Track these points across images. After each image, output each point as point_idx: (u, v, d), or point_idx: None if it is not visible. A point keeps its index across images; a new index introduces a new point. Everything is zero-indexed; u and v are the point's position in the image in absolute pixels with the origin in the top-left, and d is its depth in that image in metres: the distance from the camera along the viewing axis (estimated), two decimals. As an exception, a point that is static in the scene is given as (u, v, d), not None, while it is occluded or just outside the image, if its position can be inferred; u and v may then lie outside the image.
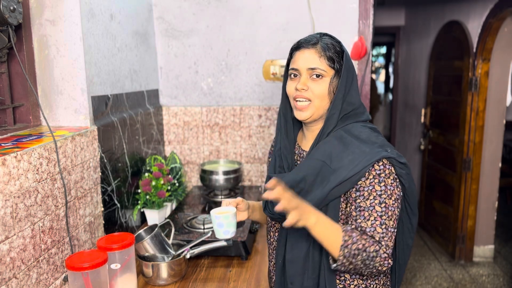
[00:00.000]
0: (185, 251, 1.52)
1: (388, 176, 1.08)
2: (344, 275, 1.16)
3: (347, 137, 1.13)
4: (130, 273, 1.40)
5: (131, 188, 1.92)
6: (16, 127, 1.44)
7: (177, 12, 2.27)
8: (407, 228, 1.20)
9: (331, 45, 1.15)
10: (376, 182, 1.07)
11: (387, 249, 1.04)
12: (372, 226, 1.05)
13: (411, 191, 1.15)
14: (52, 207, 1.28)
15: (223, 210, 1.25)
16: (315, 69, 1.13)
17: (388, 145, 1.12)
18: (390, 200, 1.07)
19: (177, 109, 2.35)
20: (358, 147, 1.10)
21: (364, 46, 2.16)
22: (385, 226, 1.05)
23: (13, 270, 1.11)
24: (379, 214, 1.05)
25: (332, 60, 1.13)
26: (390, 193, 1.07)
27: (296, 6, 2.21)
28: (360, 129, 1.15)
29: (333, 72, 1.14)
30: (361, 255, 1.02)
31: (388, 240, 1.05)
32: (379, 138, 1.14)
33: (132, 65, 1.96)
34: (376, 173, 1.07)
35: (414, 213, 1.19)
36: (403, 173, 1.10)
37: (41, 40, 1.48)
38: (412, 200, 1.17)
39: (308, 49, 1.15)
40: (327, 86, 1.14)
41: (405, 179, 1.11)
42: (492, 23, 3.24)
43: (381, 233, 1.04)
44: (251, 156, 2.38)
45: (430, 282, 3.40)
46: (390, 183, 1.08)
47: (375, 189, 1.07)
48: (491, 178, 3.63)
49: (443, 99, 3.92)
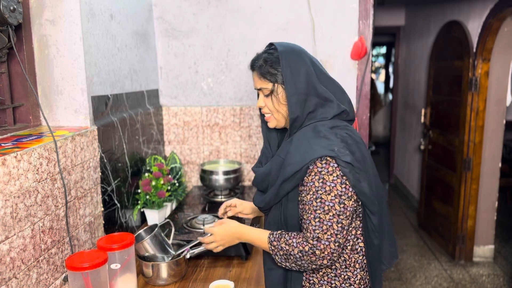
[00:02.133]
0: (185, 251, 1.52)
1: (330, 173, 1.14)
2: (313, 279, 1.25)
3: (302, 138, 1.21)
4: (130, 273, 1.40)
5: (131, 188, 1.92)
6: (16, 127, 1.44)
7: (177, 12, 2.27)
8: (371, 228, 1.24)
9: (263, 62, 1.25)
10: (316, 179, 1.15)
11: (315, 241, 1.13)
12: (308, 219, 1.15)
13: (361, 191, 1.17)
14: (52, 207, 1.28)
15: (221, 284, 1.35)
16: (261, 90, 1.28)
17: (338, 144, 1.16)
18: (327, 195, 1.13)
19: (177, 109, 2.35)
20: (308, 147, 1.18)
21: (364, 46, 2.16)
22: (319, 220, 1.13)
23: (13, 270, 1.11)
24: (314, 208, 1.14)
25: (269, 75, 1.24)
26: (329, 189, 1.14)
27: (296, 6, 2.21)
28: (318, 129, 1.20)
29: (272, 85, 1.24)
30: (290, 258, 1.17)
31: (321, 233, 1.13)
32: (332, 137, 1.17)
33: (132, 65, 1.96)
34: (317, 170, 1.15)
35: (373, 212, 1.21)
36: (347, 172, 1.14)
37: (41, 40, 1.48)
38: (365, 200, 1.19)
39: (254, 72, 1.29)
40: (276, 98, 1.25)
41: (350, 178, 1.15)
42: (492, 23, 3.24)
43: (314, 226, 1.13)
44: (251, 156, 2.38)
45: (430, 282, 3.40)
46: (332, 180, 1.14)
47: (315, 185, 1.15)
48: (491, 178, 3.63)
49: (443, 99, 3.92)
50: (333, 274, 1.23)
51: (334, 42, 2.20)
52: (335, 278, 1.23)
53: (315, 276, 1.24)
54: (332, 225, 1.13)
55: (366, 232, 1.24)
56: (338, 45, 2.20)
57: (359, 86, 2.22)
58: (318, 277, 1.24)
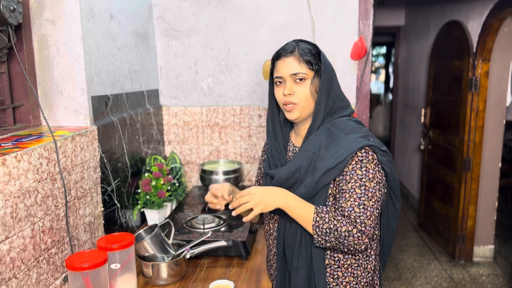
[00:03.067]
0: (185, 251, 1.52)
1: (370, 162, 1.19)
2: (338, 255, 1.27)
3: (334, 131, 1.25)
4: (130, 273, 1.40)
5: (131, 188, 1.92)
6: (16, 127, 1.44)
7: (177, 12, 2.27)
8: (391, 213, 1.31)
9: (307, 50, 1.27)
10: (358, 167, 1.18)
11: (362, 227, 1.14)
12: (351, 206, 1.16)
13: (393, 177, 1.26)
14: (52, 207, 1.28)
15: (221, 284, 1.33)
16: (297, 74, 1.25)
17: (370, 135, 1.24)
18: (371, 183, 1.17)
19: (177, 109, 2.35)
20: (343, 138, 1.22)
21: (364, 46, 2.16)
22: (363, 206, 1.16)
23: (13, 270, 1.11)
24: (358, 195, 1.17)
25: (310, 63, 1.26)
26: (371, 176, 1.18)
27: (296, 6, 2.21)
28: (345, 122, 1.27)
29: (313, 73, 1.26)
30: (333, 233, 1.16)
31: (366, 219, 1.15)
32: (363, 130, 1.26)
33: (132, 65, 1.96)
34: (358, 159, 1.19)
35: (397, 197, 1.30)
36: (385, 160, 1.21)
37: (41, 40, 1.48)
38: (394, 185, 1.27)
39: (288, 57, 1.27)
40: (313, 87, 1.26)
41: (386, 165, 1.22)
42: (492, 23, 3.24)
43: (358, 213, 1.15)
44: (251, 156, 2.38)
45: (430, 282, 3.40)
46: (372, 168, 1.19)
47: (357, 173, 1.18)
48: (491, 178, 3.63)
49: (443, 99, 3.92)
50: (356, 264, 1.27)
51: (334, 42, 2.20)
52: (357, 268, 1.27)
53: (340, 270, 1.27)
54: (374, 211, 1.17)
55: (385, 218, 1.30)
56: (338, 45, 2.20)
57: (359, 86, 2.22)
58: (343, 270, 1.27)
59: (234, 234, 1.70)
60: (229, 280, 1.37)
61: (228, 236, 1.68)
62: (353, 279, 1.27)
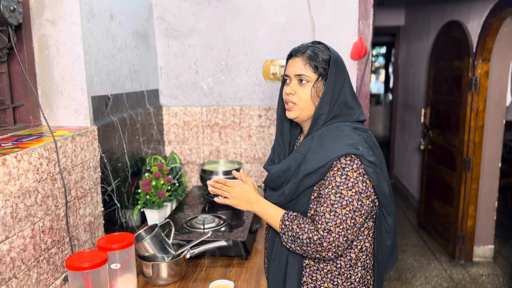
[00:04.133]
0: (185, 251, 1.52)
1: (354, 170, 1.17)
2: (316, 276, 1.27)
3: (326, 135, 1.23)
4: (130, 273, 1.40)
5: (131, 188, 1.92)
6: (16, 127, 1.44)
7: (177, 12, 2.27)
8: (384, 228, 1.28)
9: (318, 53, 1.27)
10: (338, 174, 1.17)
11: (325, 232, 1.15)
12: (323, 211, 1.16)
13: (382, 191, 1.20)
14: (52, 207, 1.28)
15: (221, 284, 1.33)
16: (300, 75, 1.27)
17: (362, 144, 1.20)
18: (348, 191, 1.16)
19: (177, 109, 2.36)
20: (331, 144, 1.20)
21: (364, 46, 2.16)
22: (334, 214, 1.15)
23: (13, 270, 1.11)
24: (332, 202, 1.16)
25: (315, 67, 1.25)
26: (350, 185, 1.16)
27: (296, 6, 2.21)
28: (341, 128, 1.24)
29: (317, 77, 1.26)
30: (296, 241, 1.19)
31: (334, 226, 1.14)
32: (356, 137, 1.21)
33: (132, 65, 1.96)
34: (340, 166, 1.17)
35: (389, 213, 1.25)
36: (370, 171, 1.18)
37: (41, 40, 1.48)
38: (384, 201, 1.23)
39: (297, 57, 1.29)
40: (315, 90, 1.26)
41: (372, 177, 1.18)
42: (492, 23, 3.24)
43: (327, 219, 1.15)
44: (251, 156, 2.38)
45: (430, 282, 3.40)
46: (354, 177, 1.16)
47: (336, 180, 1.17)
48: (491, 178, 3.64)
49: (443, 99, 3.92)
50: (336, 272, 1.25)
51: (334, 42, 2.20)
52: (338, 277, 1.25)
53: (319, 273, 1.26)
54: (346, 220, 1.15)
55: (379, 232, 1.27)
56: (338, 45, 2.20)
57: (359, 86, 2.22)
58: (322, 274, 1.26)
59: (234, 234, 1.71)
60: (229, 280, 1.37)
61: (228, 236, 1.68)
62: (332, 286, 1.26)
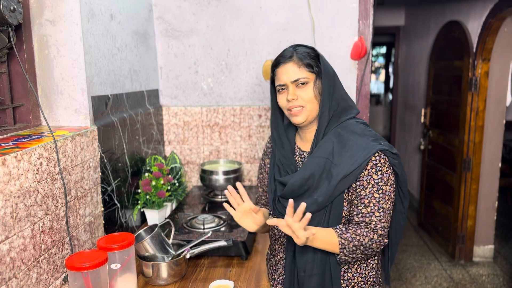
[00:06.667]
0: (185, 251, 1.52)
1: (383, 165, 1.21)
2: (347, 275, 1.29)
3: (344, 134, 1.25)
4: (130, 273, 1.40)
5: (131, 188, 1.92)
6: (16, 127, 1.44)
7: (177, 12, 2.27)
8: (400, 210, 1.34)
9: (306, 53, 1.26)
10: (374, 172, 1.20)
11: (382, 231, 1.20)
12: (371, 211, 1.20)
13: (403, 178, 1.29)
14: (52, 207, 1.28)
15: (221, 284, 1.33)
16: (298, 80, 1.24)
17: (380, 138, 1.26)
18: (386, 186, 1.21)
19: (177, 109, 2.35)
20: (355, 142, 1.22)
21: (364, 46, 2.16)
22: (383, 210, 1.20)
23: (13, 270, 1.11)
24: (377, 200, 1.20)
25: (310, 66, 1.25)
26: (386, 180, 1.21)
27: (296, 6, 2.21)
28: (354, 125, 1.27)
29: (314, 76, 1.25)
30: (359, 249, 1.20)
31: (385, 222, 1.21)
32: (372, 132, 1.27)
33: (132, 65, 1.96)
34: (373, 164, 1.20)
35: (406, 196, 1.33)
36: (396, 163, 1.24)
37: (41, 40, 1.48)
38: (404, 185, 1.31)
39: (287, 63, 1.25)
40: (316, 89, 1.25)
41: (397, 168, 1.25)
42: (492, 23, 3.24)
43: (378, 217, 1.20)
44: (251, 156, 2.38)
45: (430, 282, 3.40)
46: (386, 171, 1.21)
47: (373, 178, 1.20)
48: (491, 178, 3.64)
49: (443, 99, 3.92)
50: (364, 264, 1.30)
51: (334, 42, 2.20)
52: (365, 268, 1.30)
53: (350, 271, 1.28)
54: (390, 212, 1.23)
55: (394, 214, 1.32)
56: (338, 45, 2.20)
57: (359, 86, 2.22)
58: (353, 270, 1.29)
59: (234, 234, 1.70)
60: (229, 280, 1.37)
61: (228, 236, 1.68)
62: (361, 279, 1.29)
